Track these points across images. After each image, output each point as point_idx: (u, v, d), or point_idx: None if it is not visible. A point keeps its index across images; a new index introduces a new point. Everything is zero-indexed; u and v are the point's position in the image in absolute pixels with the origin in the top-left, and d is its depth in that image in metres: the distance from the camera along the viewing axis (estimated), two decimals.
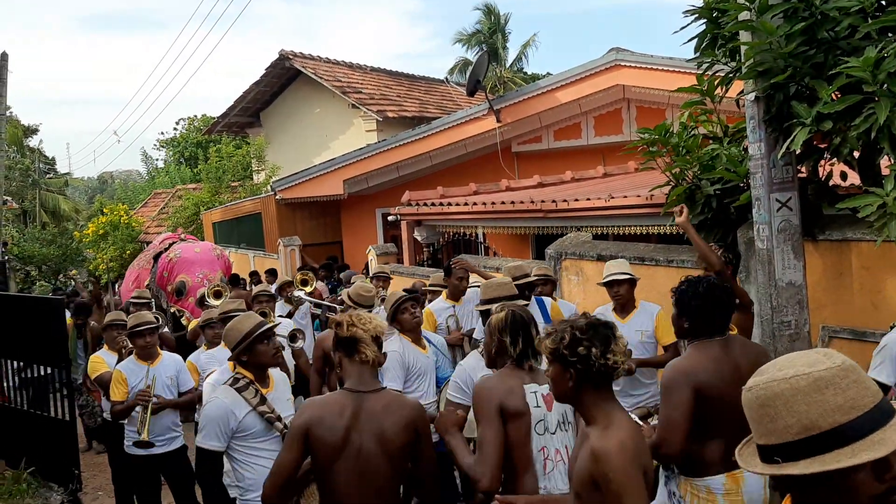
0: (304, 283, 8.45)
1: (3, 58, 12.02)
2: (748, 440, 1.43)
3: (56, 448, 6.97)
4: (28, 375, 7.66)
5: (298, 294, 7.86)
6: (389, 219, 11.95)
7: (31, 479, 6.92)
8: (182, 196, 21.35)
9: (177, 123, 34.87)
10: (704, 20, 4.27)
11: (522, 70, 31.84)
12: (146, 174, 39.19)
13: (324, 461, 2.72)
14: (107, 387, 5.27)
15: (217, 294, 7.67)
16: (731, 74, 4.25)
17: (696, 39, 4.35)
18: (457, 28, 64.18)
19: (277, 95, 17.07)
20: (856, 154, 3.86)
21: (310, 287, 8.44)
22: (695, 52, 4.44)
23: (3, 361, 7.74)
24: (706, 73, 4.38)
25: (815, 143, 4.06)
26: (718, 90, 4.40)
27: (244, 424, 3.35)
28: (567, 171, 11.89)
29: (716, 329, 3.12)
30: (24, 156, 30.15)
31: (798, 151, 3.82)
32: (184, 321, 9.33)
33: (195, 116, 33.26)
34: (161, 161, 36.64)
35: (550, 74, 16.04)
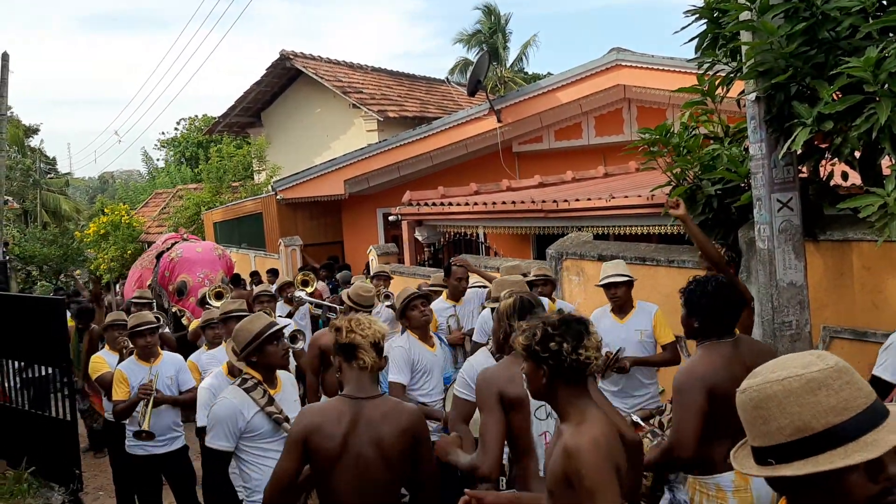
0: (305, 284, 8.46)
1: (4, 58, 12.03)
2: (743, 443, 1.43)
3: (57, 448, 6.98)
4: (29, 375, 7.68)
5: (299, 295, 7.87)
6: (390, 219, 11.95)
7: (33, 480, 6.93)
8: (183, 196, 21.36)
9: (178, 123, 34.93)
10: (705, 20, 4.26)
11: (523, 70, 31.83)
12: (147, 174, 39.17)
13: (322, 468, 2.72)
14: (108, 387, 5.28)
15: (218, 295, 7.67)
16: (732, 74, 4.24)
17: (697, 39, 4.34)
18: (457, 28, 64.36)
19: (278, 95, 17.08)
20: (857, 154, 3.86)
21: (310, 287, 8.45)
22: (695, 52, 4.42)
23: (4, 361, 7.75)
24: (707, 74, 4.37)
25: (816, 144, 4.06)
26: (719, 90, 4.39)
27: (252, 425, 3.36)
28: (568, 171, 11.89)
29: (725, 329, 3.10)
30: (25, 156, 30.16)
31: (799, 151, 3.81)
32: (184, 321, 9.33)
33: (196, 116, 33.30)
34: (162, 161, 36.65)
35: (551, 74, 16.04)
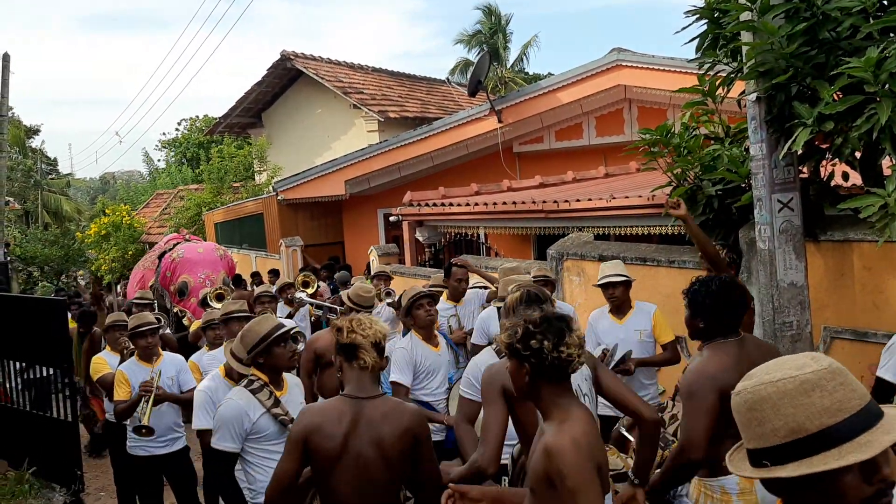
0: (306, 285, 8.47)
1: (5, 59, 12.04)
2: (739, 445, 1.43)
3: (58, 449, 6.99)
4: (30, 376, 7.69)
5: (299, 296, 7.87)
6: (391, 219, 11.95)
7: (34, 480, 6.94)
8: (184, 197, 21.37)
9: (178, 124, 34.89)
10: (706, 20, 4.27)
11: (523, 70, 31.82)
12: (148, 175, 39.18)
13: (323, 468, 2.72)
14: (109, 388, 5.29)
15: (219, 297, 7.69)
16: (733, 75, 4.24)
17: (698, 40, 4.34)
18: (458, 28, 64.32)
19: (279, 96, 17.09)
20: (857, 154, 3.86)
21: (311, 288, 8.45)
22: (696, 53, 4.43)
23: (6, 362, 7.76)
24: (707, 74, 4.37)
25: (817, 144, 4.06)
26: (720, 90, 4.39)
27: (258, 426, 3.36)
28: (568, 172, 11.89)
29: (730, 328, 3.05)
30: (27, 156, 30.20)
31: (800, 152, 3.81)
32: (185, 322, 9.34)
33: (197, 117, 33.29)
34: (163, 162, 36.68)
35: (552, 75, 16.06)
